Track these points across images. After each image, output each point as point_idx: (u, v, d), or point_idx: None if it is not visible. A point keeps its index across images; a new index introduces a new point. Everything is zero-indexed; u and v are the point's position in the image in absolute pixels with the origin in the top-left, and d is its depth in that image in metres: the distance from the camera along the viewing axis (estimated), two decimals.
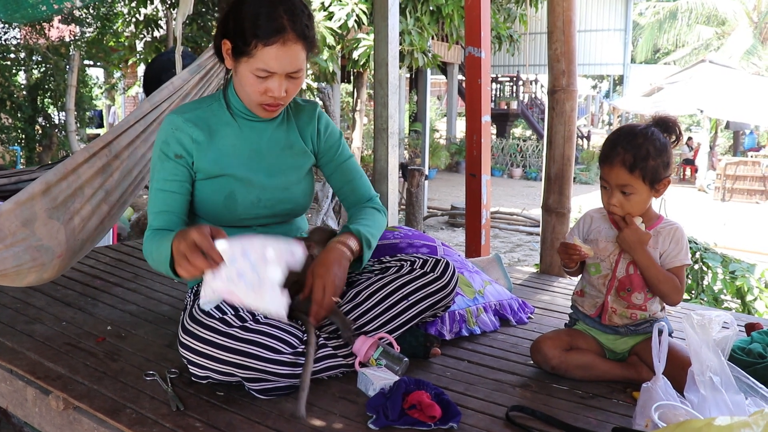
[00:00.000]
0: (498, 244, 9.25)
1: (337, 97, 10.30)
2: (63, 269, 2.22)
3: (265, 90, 1.79)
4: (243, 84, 1.82)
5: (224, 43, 1.81)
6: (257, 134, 1.96)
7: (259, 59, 1.74)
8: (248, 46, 1.74)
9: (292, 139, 2.01)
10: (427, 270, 2.00)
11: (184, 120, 1.88)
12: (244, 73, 1.79)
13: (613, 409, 1.74)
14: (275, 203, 1.96)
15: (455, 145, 18.58)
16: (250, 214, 1.94)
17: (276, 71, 1.76)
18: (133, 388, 1.78)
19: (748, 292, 4.23)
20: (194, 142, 1.88)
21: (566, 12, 3.17)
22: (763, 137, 20.27)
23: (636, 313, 1.90)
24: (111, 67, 9.98)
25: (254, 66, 1.76)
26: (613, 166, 1.83)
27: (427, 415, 1.57)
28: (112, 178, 2.28)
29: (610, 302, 1.92)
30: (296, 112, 2.05)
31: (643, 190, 1.83)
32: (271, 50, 1.73)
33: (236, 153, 1.92)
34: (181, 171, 1.87)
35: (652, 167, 1.80)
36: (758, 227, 10.65)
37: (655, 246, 1.87)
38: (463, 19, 7.78)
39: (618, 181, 1.83)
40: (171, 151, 1.86)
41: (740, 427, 0.96)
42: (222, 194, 1.90)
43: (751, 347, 1.93)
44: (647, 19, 24.34)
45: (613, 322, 1.93)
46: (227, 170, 1.90)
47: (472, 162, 3.67)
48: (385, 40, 3.47)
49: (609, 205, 1.87)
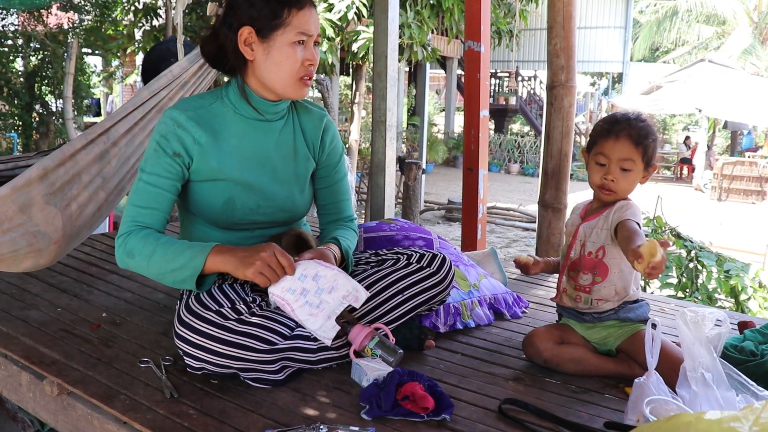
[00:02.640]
0: (494, 239, 9.26)
1: (335, 90, 10.28)
2: (59, 255, 2.22)
3: (303, 59, 1.80)
4: (280, 61, 1.80)
5: (241, 33, 1.78)
6: (262, 135, 1.91)
7: (296, 25, 1.77)
8: (281, 17, 1.76)
9: (297, 144, 1.98)
10: (423, 264, 2.00)
11: (187, 118, 1.81)
12: (280, 48, 1.79)
13: (605, 404, 1.75)
14: (275, 211, 1.94)
15: (453, 140, 18.58)
16: (247, 219, 1.91)
17: (313, 33, 1.81)
18: (128, 375, 1.79)
19: (742, 291, 4.25)
20: (196, 144, 1.82)
21: (566, 7, 3.17)
22: (760, 138, 20.28)
23: (580, 295, 1.93)
24: (109, 56, 9.94)
25: (293, 33, 1.78)
26: (619, 139, 1.85)
27: (420, 406, 1.58)
28: (110, 165, 2.27)
29: (564, 283, 1.98)
30: (303, 115, 2.01)
31: (639, 169, 1.87)
32: (305, 13, 1.78)
33: (239, 155, 1.87)
34: (175, 170, 1.81)
35: (651, 147, 1.86)
36: (754, 227, 10.68)
37: (603, 226, 1.89)
38: (463, 13, 7.77)
39: (622, 155, 1.84)
40: (170, 148, 1.80)
41: (730, 421, 0.97)
42: (221, 198, 1.86)
43: (743, 345, 1.94)
44: (647, 17, 24.31)
45: (564, 303, 1.98)
46: (229, 175, 1.85)
47: (469, 156, 3.67)
48: (384, 33, 3.47)
49: (604, 180, 1.87)
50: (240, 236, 1.92)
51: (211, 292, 1.77)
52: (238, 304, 1.75)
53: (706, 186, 15.55)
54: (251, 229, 1.96)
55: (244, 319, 1.72)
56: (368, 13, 7.87)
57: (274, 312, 1.78)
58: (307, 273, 1.72)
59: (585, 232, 1.94)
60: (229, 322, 1.70)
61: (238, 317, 1.72)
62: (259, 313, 1.75)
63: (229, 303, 1.75)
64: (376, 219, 3.25)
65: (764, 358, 1.85)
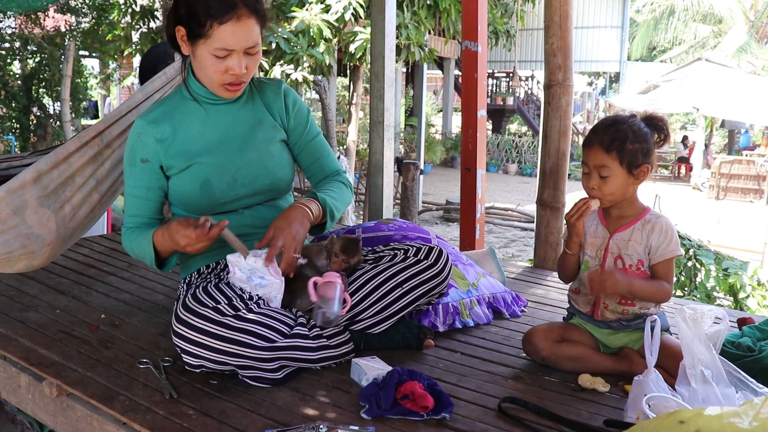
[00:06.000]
0: (492, 239, 9.26)
1: (333, 91, 10.29)
2: (53, 257, 2.24)
3: (226, 69, 1.81)
4: (203, 67, 1.83)
5: (178, 30, 1.81)
6: (224, 116, 1.96)
7: (217, 39, 1.76)
8: (203, 28, 1.75)
9: (260, 115, 2.01)
10: (420, 257, 2.01)
11: (147, 122, 1.91)
12: (203, 55, 1.80)
13: (605, 402, 1.75)
14: (253, 180, 1.97)
15: (451, 140, 18.57)
16: (229, 196, 1.94)
17: (234, 48, 1.78)
18: (127, 376, 1.79)
19: (741, 289, 4.26)
20: (158, 142, 1.90)
21: (563, 7, 3.17)
22: (757, 136, 20.33)
23: (628, 309, 1.90)
24: (107, 58, 9.93)
25: (213, 46, 1.77)
26: (591, 147, 1.87)
27: (420, 405, 1.58)
28: (103, 167, 2.29)
29: (603, 298, 1.93)
30: (261, 90, 2.05)
31: (619, 173, 1.84)
32: (227, 28, 1.75)
33: (204, 139, 1.94)
34: (147, 177, 1.92)
35: (629, 150, 1.83)
36: (751, 226, 10.69)
37: (639, 240, 1.88)
38: (460, 14, 7.77)
39: (595, 162, 1.86)
40: (137, 157, 1.91)
41: (730, 416, 0.97)
42: (197, 183, 1.92)
43: (741, 341, 1.94)
44: (644, 16, 24.34)
45: (605, 317, 1.93)
46: (197, 158, 1.91)
47: (467, 156, 3.67)
48: (381, 33, 3.47)
49: (588, 189, 1.90)
50: (231, 219, 1.89)
51: (207, 289, 1.78)
52: (236, 301, 1.76)
53: (704, 185, 15.57)
54: (238, 210, 1.98)
55: (241, 316, 1.72)
56: (365, 14, 7.87)
57: (272, 310, 1.79)
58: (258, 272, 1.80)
59: (618, 245, 1.91)
60: (226, 319, 1.70)
61: (235, 314, 1.72)
62: (256, 310, 1.76)
63: (226, 300, 1.75)
64: (374, 219, 3.25)
65: (761, 354, 1.86)
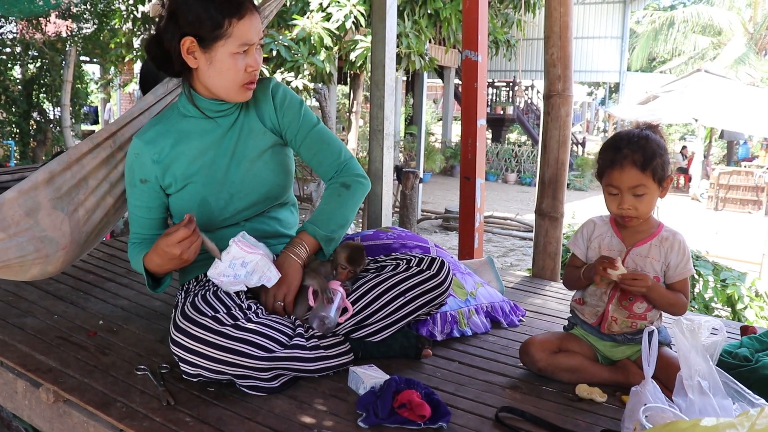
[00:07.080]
0: (491, 248, 9.26)
1: (333, 99, 10.31)
2: (68, 263, 2.17)
3: (245, 66, 1.84)
4: (222, 71, 1.83)
5: (183, 42, 1.80)
6: (218, 129, 1.96)
7: (238, 35, 1.80)
8: (221, 28, 1.77)
9: (252, 125, 2.00)
10: (423, 268, 2.02)
11: (143, 142, 1.92)
12: (222, 58, 1.81)
13: (602, 412, 1.75)
14: (248, 192, 1.98)
15: (450, 149, 18.60)
16: (227, 212, 1.96)
17: (254, 41, 1.83)
18: (124, 382, 1.78)
19: (739, 300, 4.26)
20: (155, 163, 1.91)
21: (563, 17, 3.19)
22: (756, 147, 20.37)
23: (636, 322, 1.89)
24: (107, 64, 9.95)
25: (235, 44, 1.80)
26: (624, 168, 1.81)
27: (417, 414, 1.58)
28: (116, 170, 2.22)
29: (611, 311, 1.91)
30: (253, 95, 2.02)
31: (654, 189, 1.82)
32: (245, 22, 1.80)
33: (201, 157, 1.94)
34: (147, 196, 1.95)
35: (660, 165, 1.81)
36: (750, 237, 10.70)
37: (657, 257, 1.86)
38: (460, 23, 7.80)
39: (630, 183, 1.81)
40: (136, 177, 1.93)
41: (726, 428, 0.97)
42: (195, 202, 1.93)
43: (738, 351, 1.95)
44: (644, 27, 24.44)
45: (612, 330, 1.92)
46: (193, 178, 1.93)
47: (466, 165, 3.68)
48: (382, 42, 3.48)
49: (621, 210, 1.84)
50: (232, 233, 1.89)
51: (206, 298, 1.77)
52: (234, 310, 1.75)
53: (703, 195, 15.59)
54: (239, 223, 2.00)
55: (240, 325, 1.72)
56: (366, 23, 7.90)
57: (270, 319, 1.79)
58: (235, 261, 1.79)
59: (635, 261, 1.89)
60: (225, 328, 1.70)
61: (234, 323, 1.72)
62: (255, 320, 1.75)
63: (225, 309, 1.75)
64: (373, 228, 3.25)
65: (757, 364, 1.86)
